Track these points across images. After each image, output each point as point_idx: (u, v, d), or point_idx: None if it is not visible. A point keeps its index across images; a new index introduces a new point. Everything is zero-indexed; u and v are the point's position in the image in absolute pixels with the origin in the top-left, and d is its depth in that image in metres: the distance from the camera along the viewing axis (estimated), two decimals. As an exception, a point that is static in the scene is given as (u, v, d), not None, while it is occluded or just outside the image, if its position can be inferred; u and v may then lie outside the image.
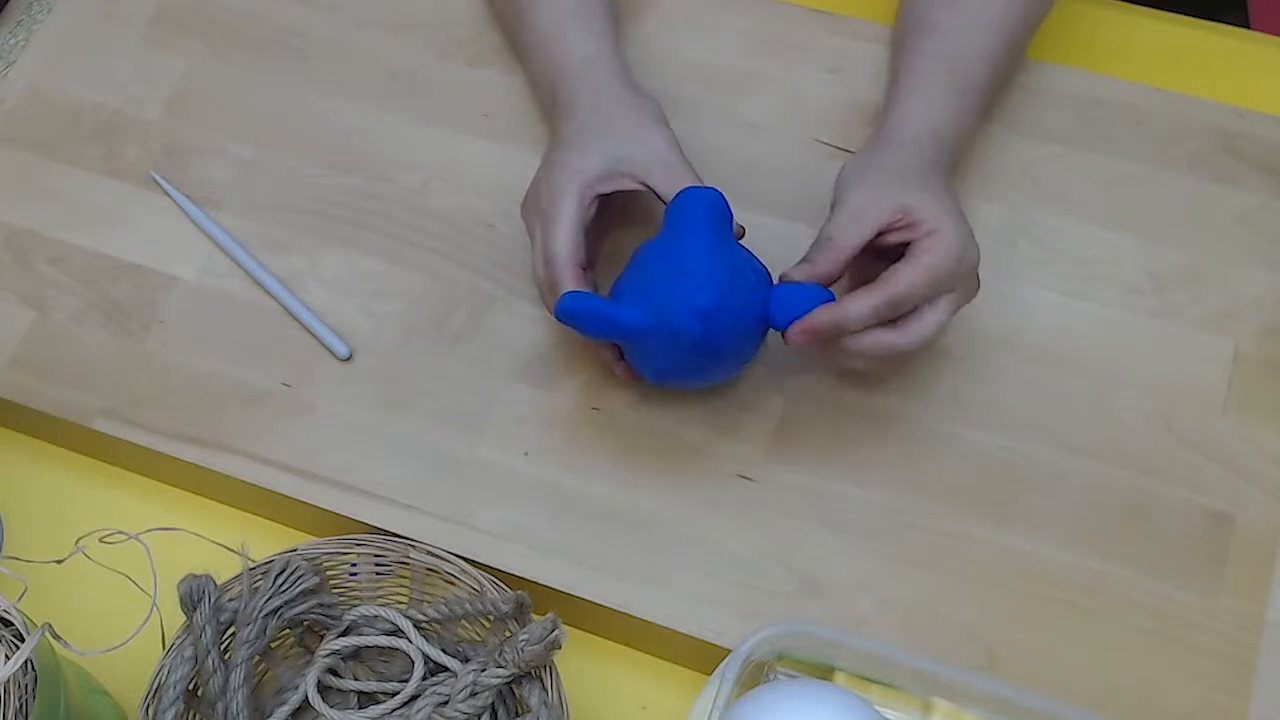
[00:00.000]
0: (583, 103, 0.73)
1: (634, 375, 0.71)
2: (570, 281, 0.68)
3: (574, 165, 0.70)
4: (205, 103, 0.83)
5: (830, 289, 0.68)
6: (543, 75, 0.78)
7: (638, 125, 0.72)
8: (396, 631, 0.67)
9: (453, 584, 0.68)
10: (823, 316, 0.66)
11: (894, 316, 0.67)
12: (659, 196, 0.70)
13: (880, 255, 0.68)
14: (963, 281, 0.68)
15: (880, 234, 0.68)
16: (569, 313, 0.66)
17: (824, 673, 0.65)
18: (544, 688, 0.63)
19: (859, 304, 0.66)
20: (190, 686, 0.64)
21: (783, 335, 0.67)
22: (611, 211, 0.73)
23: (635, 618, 0.68)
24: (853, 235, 0.68)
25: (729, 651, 0.62)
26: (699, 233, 0.67)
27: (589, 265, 0.70)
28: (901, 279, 0.66)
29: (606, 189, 0.70)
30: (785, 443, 0.72)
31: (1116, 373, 0.74)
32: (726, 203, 0.68)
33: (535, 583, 0.69)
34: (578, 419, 0.73)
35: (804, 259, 0.68)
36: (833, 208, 0.70)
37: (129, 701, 0.68)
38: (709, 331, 0.66)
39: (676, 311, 0.65)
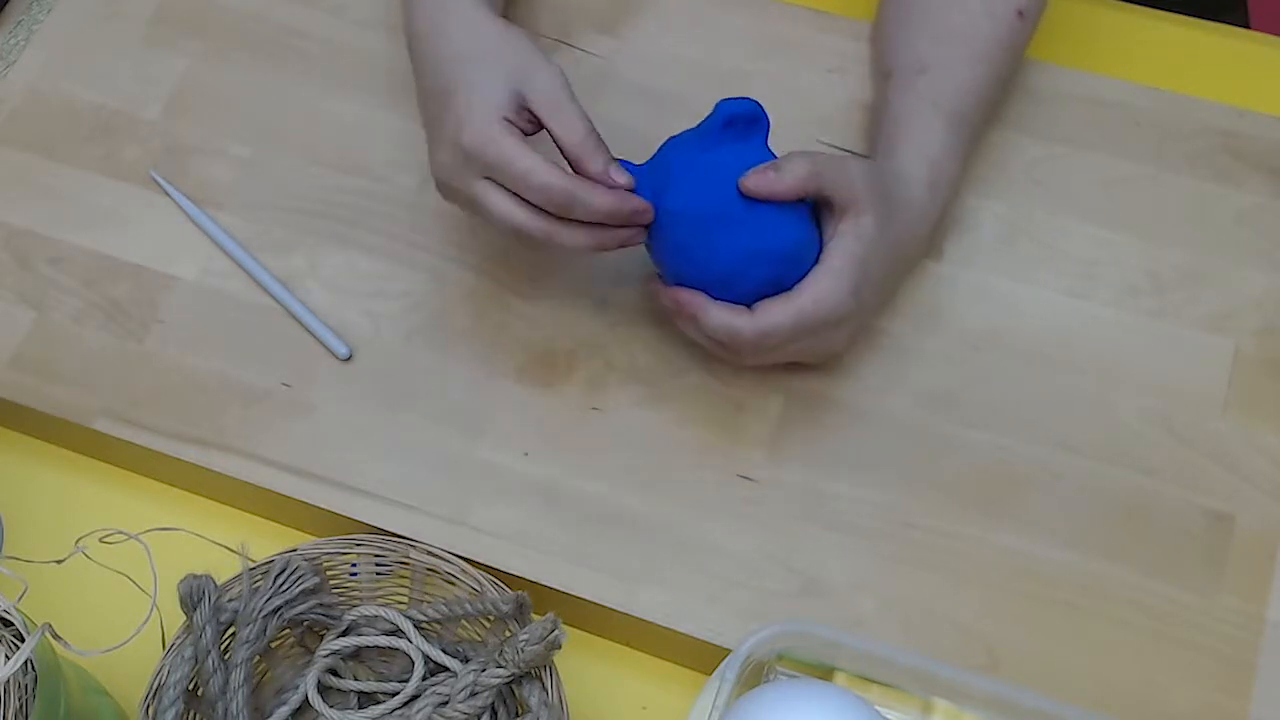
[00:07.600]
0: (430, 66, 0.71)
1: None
2: (603, 158, 0.66)
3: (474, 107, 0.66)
4: (205, 103, 0.83)
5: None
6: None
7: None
8: (396, 631, 0.67)
9: (453, 584, 0.68)
10: (690, 299, 0.68)
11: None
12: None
13: None
14: (827, 334, 0.68)
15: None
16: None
17: (824, 673, 0.65)
18: (544, 688, 0.63)
19: (724, 316, 0.67)
20: (190, 686, 0.64)
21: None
22: None
23: (635, 618, 0.68)
24: (821, 182, 0.67)
25: (729, 651, 0.62)
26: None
27: None
28: (771, 314, 0.67)
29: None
30: (785, 443, 0.72)
31: (1116, 373, 0.74)
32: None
33: (535, 583, 0.69)
34: (578, 419, 0.73)
35: (775, 167, 0.66)
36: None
37: (129, 701, 0.68)
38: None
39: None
